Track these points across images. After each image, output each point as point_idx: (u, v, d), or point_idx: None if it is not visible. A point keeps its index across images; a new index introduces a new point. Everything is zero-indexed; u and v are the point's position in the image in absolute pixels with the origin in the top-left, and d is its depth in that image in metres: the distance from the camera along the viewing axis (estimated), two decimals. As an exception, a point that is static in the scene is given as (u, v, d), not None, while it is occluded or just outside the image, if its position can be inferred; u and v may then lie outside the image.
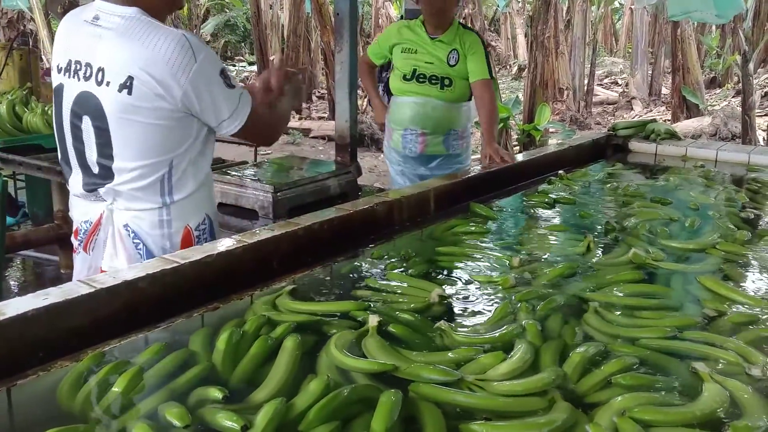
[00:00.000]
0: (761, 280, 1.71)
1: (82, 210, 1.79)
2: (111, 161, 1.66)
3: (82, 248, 1.79)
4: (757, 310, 1.49)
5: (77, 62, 1.66)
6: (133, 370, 1.15)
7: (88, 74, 1.63)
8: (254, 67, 15.71)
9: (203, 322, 1.39)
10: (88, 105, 1.64)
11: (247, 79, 15.93)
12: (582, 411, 1.09)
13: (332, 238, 1.83)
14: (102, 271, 1.71)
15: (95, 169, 1.70)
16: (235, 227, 2.53)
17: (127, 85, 1.58)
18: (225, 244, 1.60)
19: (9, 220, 4.58)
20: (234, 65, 19.85)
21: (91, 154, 1.69)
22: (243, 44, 22.29)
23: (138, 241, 1.70)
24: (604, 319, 1.43)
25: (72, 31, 1.71)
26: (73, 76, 1.66)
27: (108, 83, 1.60)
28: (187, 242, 1.73)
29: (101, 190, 1.71)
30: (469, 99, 3.12)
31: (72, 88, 1.67)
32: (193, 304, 1.44)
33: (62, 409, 1.11)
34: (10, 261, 4.22)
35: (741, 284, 1.65)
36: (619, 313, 1.46)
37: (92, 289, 1.31)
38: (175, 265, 1.45)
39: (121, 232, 1.71)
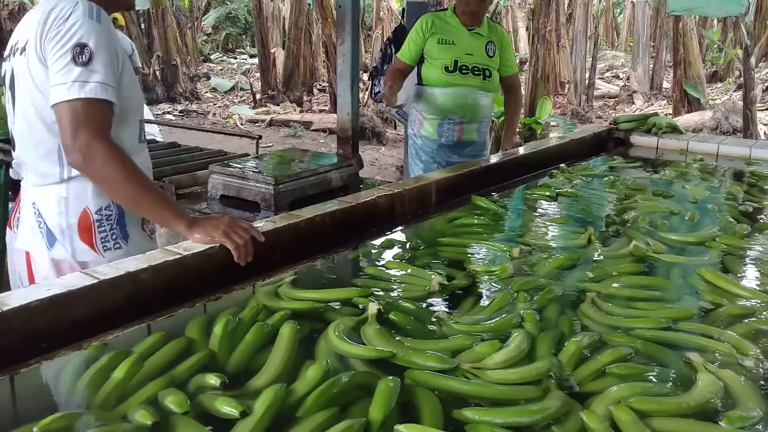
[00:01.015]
0: (759, 272, 1.71)
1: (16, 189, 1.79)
2: (16, 132, 1.66)
3: (8, 226, 1.78)
4: (754, 302, 1.50)
5: (14, 44, 1.66)
6: (133, 358, 1.16)
7: (15, 51, 1.64)
8: (255, 60, 15.67)
9: (206, 312, 1.40)
10: (10, 79, 1.65)
11: (249, 71, 15.90)
12: (577, 400, 1.10)
13: (334, 230, 1.83)
14: (27, 254, 1.66)
15: (14, 144, 1.70)
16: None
17: (24, 48, 1.58)
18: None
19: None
20: (236, 57, 19.81)
21: (13, 130, 1.69)
22: (244, 36, 22.23)
23: (40, 219, 1.63)
24: (600, 309, 1.44)
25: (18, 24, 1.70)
26: (9, 59, 1.67)
27: (18, 50, 1.61)
28: (84, 226, 1.61)
29: (14, 164, 1.71)
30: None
31: (7, 71, 1.68)
32: (195, 295, 1.45)
33: (64, 397, 1.11)
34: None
35: (740, 277, 1.66)
36: (614, 304, 1.47)
37: (94, 281, 1.32)
38: (178, 256, 1.45)
39: (29, 210, 1.65)
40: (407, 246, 1.81)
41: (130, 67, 1.65)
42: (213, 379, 1.11)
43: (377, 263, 1.70)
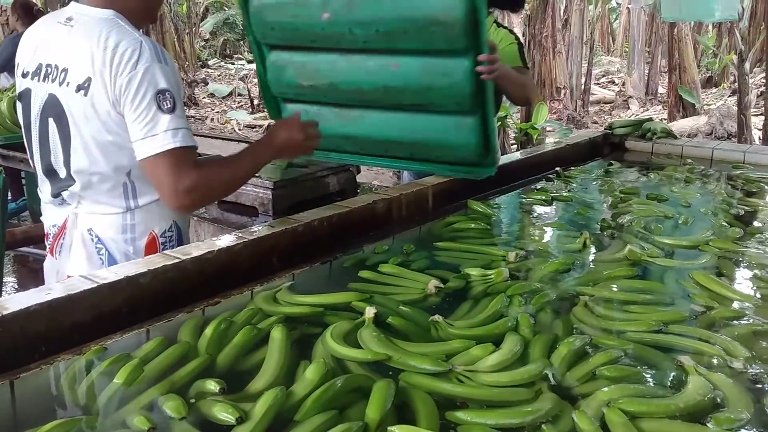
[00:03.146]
0: (751, 275, 1.73)
1: (50, 214, 1.75)
2: (72, 165, 1.62)
3: (49, 252, 1.77)
4: (745, 305, 1.52)
5: (47, 65, 1.62)
6: (133, 363, 1.17)
7: (54, 76, 1.61)
8: (253, 65, 15.68)
9: (204, 317, 1.41)
10: (52, 107, 1.61)
11: (247, 77, 15.92)
12: (569, 402, 1.12)
13: (331, 234, 1.84)
14: (68, 277, 1.62)
15: (61, 173, 1.65)
16: (235, 224, 2.55)
17: (85, 86, 1.54)
18: (225, 240, 1.61)
19: (11, 205, 4.62)
20: (233, 63, 19.83)
21: (57, 159, 1.65)
22: (242, 42, 22.25)
23: (101, 246, 1.65)
24: (593, 313, 1.46)
25: (44, 34, 1.67)
26: (43, 80, 1.63)
27: (68, 84, 1.57)
28: (151, 249, 1.67)
29: (65, 194, 1.67)
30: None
31: (39, 92, 1.64)
32: (194, 300, 1.46)
33: (64, 401, 1.12)
34: (10, 257, 4.23)
35: (732, 280, 1.67)
36: (607, 307, 1.48)
37: (94, 285, 1.33)
38: (177, 261, 1.46)
39: (84, 237, 1.66)
40: (403, 250, 1.82)
41: None
42: (212, 385, 1.12)
43: (373, 267, 1.71)
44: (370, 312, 1.36)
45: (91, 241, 1.65)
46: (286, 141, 1.79)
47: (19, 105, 1.74)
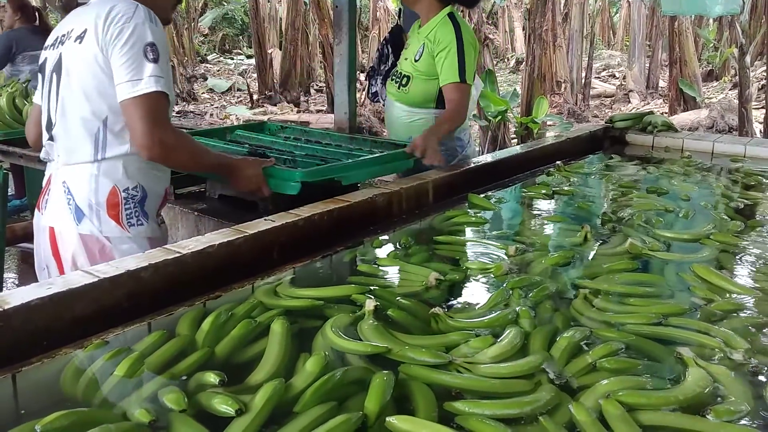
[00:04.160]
0: (751, 268, 1.74)
1: (46, 173, 1.88)
2: (57, 111, 1.76)
3: (36, 208, 1.88)
4: (745, 297, 1.52)
5: (61, 35, 1.80)
6: (134, 356, 1.17)
7: (63, 40, 1.78)
8: (252, 60, 15.67)
9: (205, 311, 1.41)
10: (57, 64, 1.78)
11: (246, 72, 15.90)
12: (569, 394, 1.12)
13: (332, 228, 1.84)
14: (51, 228, 1.79)
15: (52, 123, 1.80)
16: (235, 218, 2.54)
17: (81, 36, 1.71)
18: (226, 234, 1.61)
19: (15, 202, 4.63)
20: (232, 58, 19.80)
21: (52, 110, 1.80)
22: (241, 37, 22.23)
23: (70, 197, 1.75)
24: (594, 305, 1.46)
25: (66, 18, 1.84)
26: (56, 46, 1.80)
27: (71, 39, 1.75)
28: (112, 203, 1.75)
29: (48, 146, 1.82)
30: (441, 106, 2.67)
31: (52, 57, 1.81)
32: (194, 294, 1.46)
33: (65, 394, 1.13)
34: (11, 253, 4.24)
35: (732, 273, 1.67)
36: (608, 300, 1.48)
37: (95, 279, 1.33)
38: (178, 255, 1.46)
39: (59, 189, 1.77)
40: (403, 244, 1.82)
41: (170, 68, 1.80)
42: (212, 377, 1.13)
43: (374, 261, 1.71)
44: (370, 305, 1.36)
45: (63, 193, 1.76)
46: (245, 170, 2.01)
47: (39, 77, 1.89)
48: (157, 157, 1.71)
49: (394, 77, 2.76)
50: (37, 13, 5.17)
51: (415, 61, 2.64)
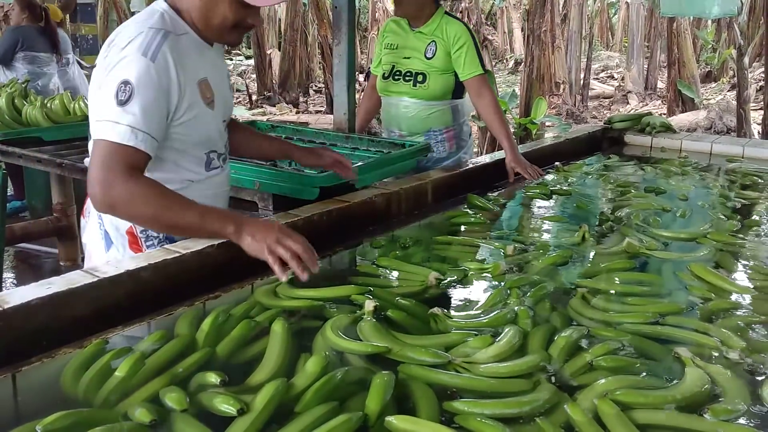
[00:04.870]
0: (747, 267, 1.75)
1: None
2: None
3: (81, 213, 1.82)
4: (741, 297, 1.53)
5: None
6: (135, 356, 1.18)
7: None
8: (251, 61, 15.67)
9: (205, 310, 1.42)
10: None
11: (245, 73, 15.89)
12: (567, 394, 1.12)
13: (331, 229, 1.85)
14: (86, 245, 1.74)
15: None
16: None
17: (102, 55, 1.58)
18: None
19: (15, 203, 4.63)
20: (231, 59, 19.79)
21: None
22: (239, 38, 22.18)
23: (100, 220, 1.66)
24: (591, 305, 1.46)
25: None
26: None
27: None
28: (132, 238, 1.63)
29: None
30: (456, 96, 2.82)
31: None
32: (194, 293, 1.46)
33: (65, 394, 1.13)
34: (10, 253, 4.24)
35: (730, 272, 1.68)
36: (605, 299, 1.49)
37: (95, 279, 1.33)
38: (177, 255, 1.47)
39: (92, 211, 1.67)
40: (403, 244, 1.83)
41: (196, 102, 1.57)
42: (213, 378, 1.13)
43: (373, 261, 1.72)
44: (369, 305, 1.37)
45: (96, 215, 1.66)
46: (253, 226, 1.51)
47: None
48: (105, 212, 1.50)
49: (398, 76, 2.80)
50: (44, 13, 5.17)
51: (428, 58, 2.73)
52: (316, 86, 14.50)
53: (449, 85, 2.77)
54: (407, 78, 2.77)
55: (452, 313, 1.42)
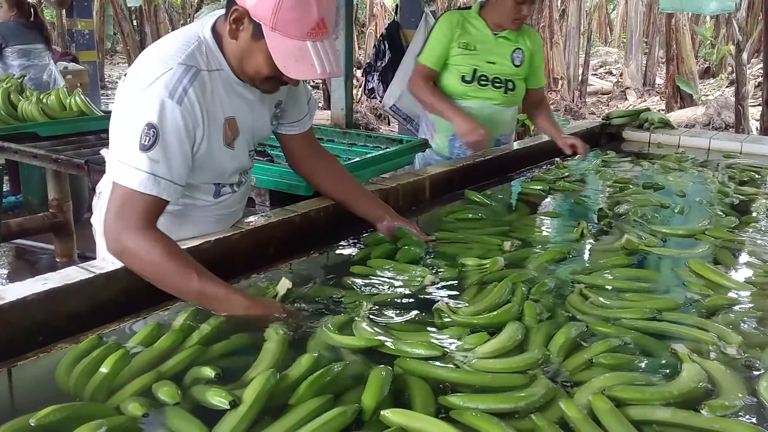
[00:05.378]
0: (746, 264, 1.75)
1: None
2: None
3: None
4: (739, 292, 1.53)
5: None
6: (122, 351, 1.17)
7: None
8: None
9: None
10: None
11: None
12: (566, 390, 1.12)
13: (328, 225, 1.84)
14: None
15: None
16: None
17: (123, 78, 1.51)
18: (222, 230, 1.61)
19: (10, 199, 4.62)
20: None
21: None
22: (237, 33, 22.13)
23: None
24: (589, 301, 1.46)
25: None
26: None
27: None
28: None
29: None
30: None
31: None
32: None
33: (60, 389, 1.13)
34: (5, 249, 4.23)
35: (728, 268, 1.68)
36: (603, 295, 1.49)
37: (91, 275, 1.33)
38: (173, 250, 1.46)
39: (104, 193, 1.61)
40: (400, 241, 1.82)
41: (216, 141, 1.51)
42: (208, 371, 1.13)
43: (371, 259, 1.71)
44: (366, 307, 1.36)
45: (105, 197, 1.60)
46: (259, 301, 1.42)
47: None
48: (113, 255, 1.41)
49: (485, 82, 2.72)
50: (32, 10, 5.19)
51: (516, 66, 2.75)
52: (313, 82, 14.47)
53: (524, 92, 2.86)
54: (497, 85, 2.73)
55: (453, 309, 1.41)
